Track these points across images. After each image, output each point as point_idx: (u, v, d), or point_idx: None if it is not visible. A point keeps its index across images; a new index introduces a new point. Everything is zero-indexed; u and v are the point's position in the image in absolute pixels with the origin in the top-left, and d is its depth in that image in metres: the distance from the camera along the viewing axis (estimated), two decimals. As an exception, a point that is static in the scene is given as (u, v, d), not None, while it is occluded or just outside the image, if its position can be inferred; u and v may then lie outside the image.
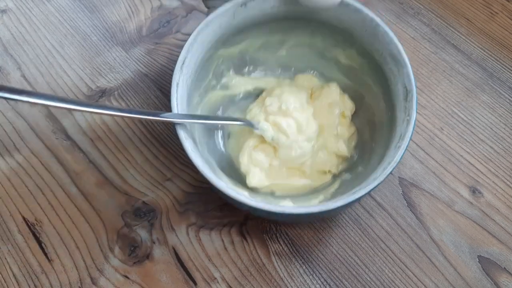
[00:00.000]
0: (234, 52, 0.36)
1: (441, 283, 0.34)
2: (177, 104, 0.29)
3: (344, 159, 0.36)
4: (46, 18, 0.47)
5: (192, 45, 0.30)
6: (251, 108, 0.36)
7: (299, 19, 0.34)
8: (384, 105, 0.34)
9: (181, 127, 0.28)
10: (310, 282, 0.33)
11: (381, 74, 0.33)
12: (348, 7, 0.32)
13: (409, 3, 0.50)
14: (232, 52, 0.35)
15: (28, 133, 0.39)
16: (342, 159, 0.36)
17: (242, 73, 0.38)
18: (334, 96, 0.36)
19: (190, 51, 0.30)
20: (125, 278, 0.33)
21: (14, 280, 0.33)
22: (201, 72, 0.33)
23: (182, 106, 0.30)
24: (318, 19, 0.34)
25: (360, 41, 0.34)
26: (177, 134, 0.28)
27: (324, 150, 0.35)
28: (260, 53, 0.37)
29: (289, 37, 0.37)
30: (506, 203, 0.37)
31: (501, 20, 0.48)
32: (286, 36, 0.36)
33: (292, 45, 0.37)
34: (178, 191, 0.37)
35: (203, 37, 0.31)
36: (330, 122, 0.35)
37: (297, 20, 0.34)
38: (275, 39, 0.37)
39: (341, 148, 0.35)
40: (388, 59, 0.32)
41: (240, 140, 0.35)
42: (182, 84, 0.30)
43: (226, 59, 0.36)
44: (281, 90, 0.35)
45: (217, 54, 0.34)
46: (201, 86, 0.34)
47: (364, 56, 0.35)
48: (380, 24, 0.31)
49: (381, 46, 0.32)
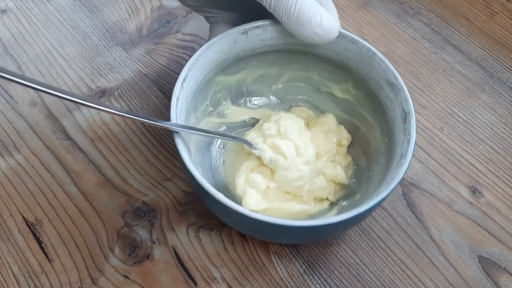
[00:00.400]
0: (233, 81, 0.36)
1: (441, 283, 0.34)
2: (176, 117, 0.29)
3: (342, 187, 0.36)
4: (46, 18, 0.47)
5: (194, 64, 0.31)
6: (248, 133, 0.35)
7: (296, 52, 0.35)
8: (380, 132, 0.34)
9: (179, 137, 0.29)
10: (310, 282, 0.33)
11: (377, 102, 0.34)
12: (345, 38, 0.33)
13: (409, 3, 0.50)
14: (230, 80, 0.36)
15: (28, 133, 0.39)
16: (339, 187, 0.36)
17: (239, 104, 0.38)
18: (330, 125, 0.36)
19: (191, 70, 0.31)
20: (125, 278, 0.33)
21: (14, 280, 0.33)
22: (200, 95, 0.34)
23: (181, 121, 0.30)
24: (314, 52, 0.35)
25: (356, 72, 0.35)
26: (176, 144, 0.28)
27: (322, 176, 0.35)
28: (257, 85, 0.38)
29: (286, 71, 0.37)
30: (506, 203, 0.37)
31: (501, 20, 0.48)
32: (283, 70, 0.37)
33: (288, 79, 0.38)
34: (178, 191, 0.37)
35: (205, 58, 0.32)
36: (327, 149, 0.35)
37: (295, 52, 0.35)
38: (272, 72, 0.37)
39: (340, 174, 0.35)
40: (385, 86, 0.33)
41: (235, 165, 0.35)
42: (182, 100, 0.30)
43: (224, 87, 0.36)
44: (279, 116, 0.35)
45: (216, 80, 0.35)
46: (198, 109, 0.35)
47: (359, 88, 0.36)
48: (377, 53, 0.33)
49: (378, 74, 0.33)
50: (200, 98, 0.34)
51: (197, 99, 0.34)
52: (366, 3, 0.50)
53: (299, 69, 0.37)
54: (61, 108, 0.41)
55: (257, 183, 0.33)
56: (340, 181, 0.35)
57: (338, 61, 0.35)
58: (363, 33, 0.47)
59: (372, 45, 0.33)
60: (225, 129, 0.38)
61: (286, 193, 0.34)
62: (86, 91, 0.42)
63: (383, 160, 0.33)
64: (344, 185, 0.36)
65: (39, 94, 0.42)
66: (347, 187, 0.36)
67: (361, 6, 0.50)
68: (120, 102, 0.42)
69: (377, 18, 0.49)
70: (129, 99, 0.42)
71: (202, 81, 0.33)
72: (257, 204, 0.33)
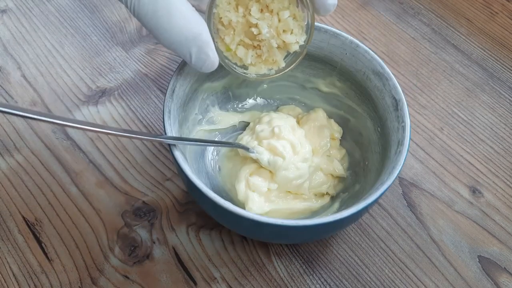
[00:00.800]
0: (219, 86, 0.37)
1: (441, 283, 0.34)
2: (171, 129, 0.29)
3: (340, 180, 0.36)
4: (46, 18, 0.47)
5: (180, 75, 0.31)
6: (241, 137, 0.36)
7: None
8: (371, 122, 0.35)
9: (177, 149, 0.29)
10: (310, 282, 0.33)
11: (365, 93, 0.34)
12: (327, 33, 0.33)
13: (409, 3, 0.50)
14: (216, 86, 0.36)
15: (28, 133, 0.39)
16: (337, 180, 0.36)
17: (227, 109, 0.38)
18: (321, 120, 0.36)
19: (178, 81, 0.31)
20: (125, 278, 0.33)
21: (14, 280, 0.33)
22: (188, 105, 0.34)
23: (175, 132, 0.30)
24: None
25: (340, 65, 0.35)
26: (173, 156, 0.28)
27: (320, 172, 0.35)
28: (242, 89, 0.38)
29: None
30: (506, 203, 0.37)
31: (501, 20, 0.48)
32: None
33: (272, 79, 0.38)
34: (178, 191, 0.37)
35: (190, 67, 0.32)
36: (322, 144, 0.36)
37: None
38: None
39: (337, 168, 0.35)
40: (372, 76, 0.33)
41: (232, 171, 0.35)
42: (174, 112, 0.31)
43: (210, 93, 0.36)
44: (270, 116, 0.35)
45: (202, 88, 0.35)
46: (188, 119, 0.35)
47: (345, 80, 0.36)
48: (360, 44, 0.33)
49: (363, 65, 0.33)
50: (189, 107, 0.34)
51: (186, 109, 0.34)
52: (366, 3, 0.50)
53: None
54: (61, 107, 0.41)
55: (258, 186, 0.33)
56: (338, 174, 0.35)
57: (322, 56, 0.35)
58: (363, 33, 0.47)
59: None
60: (217, 135, 0.38)
61: (287, 193, 0.34)
62: (86, 91, 0.42)
63: (379, 148, 0.33)
64: (342, 178, 0.36)
65: (39, 93, 0.42)
66: (345, 179, 0.36)
67: (361, 6, 0.50)
68: (120, 102, 0.41)
69: (377, 18, 0.49)
70: (129, 99, 0.42)
71: (190, 90, 0.33)
72: (261, 207, 0.33)
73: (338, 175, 0.36)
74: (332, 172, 0.35)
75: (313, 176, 0.35)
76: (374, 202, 0.27)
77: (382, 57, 0.45)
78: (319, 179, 0.35)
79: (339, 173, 0.35)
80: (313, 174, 0.35)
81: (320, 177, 0.35)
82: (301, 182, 0.33)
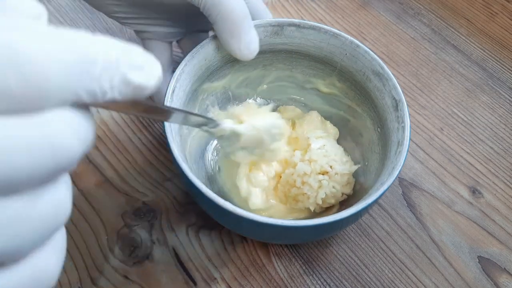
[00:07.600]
0: (218, 86, 0.37)
1: (441, 283, 0.34)
2: (171, 129, 0.29)
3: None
4: (46, 18, 0.47)
5: (180, 75, 0.31)
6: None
7: (278, 52, 0.36)
8: (371, 122, 0.35)
9: (177, 149, 0.28)
10: (310, 282, 0.33)
11: (365, 93, 0.34)
12: (327, 33, 0.33)
13: (409, 4, 0.50)
14: (216, 87, 0.36)
15: (28, 133, 0.39)
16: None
17: (227, 109, 0.38)
18: (316, 122, 0.37)
19: (178, 81, 0.31)
20: (125, 279, 0.33)
21: (14, 280, 0.33)
22: (188, 105, 0.34)
23: (174, 131, 0.30)
24: (297, 50, 0.35)
25: (340, 66, 0.35)
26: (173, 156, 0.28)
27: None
28: (242, 89, 0.38)
29: (269, 72, 0.38)
30: (506, 203, 0.37)
31: (501, 21, 0.48)
32: (266, 71, 0.38)
33: (272, 80, 0.38)
34: (178, 191, 0.37)
35: (190, 67, 0.32)
36: None
37: (277, 52, 0.36)
38: (256, 74, 0.38)
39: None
40: (372, 76, 0.33)
41: (232, 170, 0.35)
42: None
43: (210, 94, 0.36)
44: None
45: (202, 88, 0.35)
46: None
47: (345, 80, 0.36)
48: (360, 44, 0.33)
49: (363, 65, 0.33)
50: (189, 108, 0.34)
51: (186, 108, 0.34)
52: (366, 3, 0.50)
53: (283, 69, 0.37)
54: (61, 108, 0.41)
55: (259, 181, 0.33)
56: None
57: (321, 56, 0.35)
58: (363, 33, 0.47)
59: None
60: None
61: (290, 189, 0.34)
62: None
63: (378, 149, 0.33)
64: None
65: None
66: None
67: (361, 6, 0.50)
68: (120, 102, 0.41)
69: (377, 18, 0.49)
70: (129, 99, 0.42)
71: (190, 90, 0.33)
72: (264, 201, 0.33)
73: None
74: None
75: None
76: (374, 202, 0.27)
77: (382, 58, 0.45)
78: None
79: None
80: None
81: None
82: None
